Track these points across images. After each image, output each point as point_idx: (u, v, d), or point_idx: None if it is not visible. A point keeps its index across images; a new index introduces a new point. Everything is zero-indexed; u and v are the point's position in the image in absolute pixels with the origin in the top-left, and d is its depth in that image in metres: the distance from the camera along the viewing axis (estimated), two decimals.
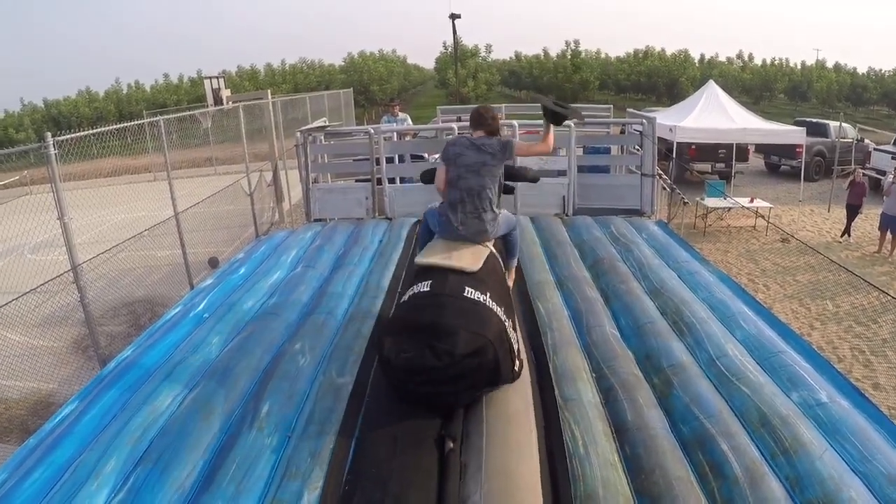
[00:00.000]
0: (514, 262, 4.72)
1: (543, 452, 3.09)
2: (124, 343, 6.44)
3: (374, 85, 41.45)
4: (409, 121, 12.77)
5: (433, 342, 3.13)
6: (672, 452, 3.07)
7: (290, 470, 2.99)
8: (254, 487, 2.90)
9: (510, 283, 4.57)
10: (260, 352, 4.17)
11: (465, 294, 3.42)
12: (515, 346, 3.53)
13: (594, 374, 3.88)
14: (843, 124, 19.57)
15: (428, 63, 60.85)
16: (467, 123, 4.44)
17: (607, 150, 9.92)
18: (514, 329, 3.65)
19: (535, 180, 5.05)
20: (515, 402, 3.41)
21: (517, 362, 3.52)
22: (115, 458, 3.06)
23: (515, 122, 8.09)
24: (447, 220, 4.04)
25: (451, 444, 3.06)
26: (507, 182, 4.54)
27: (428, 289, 3.50)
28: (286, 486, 2.90)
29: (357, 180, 9.20)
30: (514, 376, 3.50)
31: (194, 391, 3.70)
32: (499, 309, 3.47)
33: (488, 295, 3.48)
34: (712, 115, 17.36)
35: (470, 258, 3.79)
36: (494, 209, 4.09)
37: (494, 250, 4.17)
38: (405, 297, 3.63)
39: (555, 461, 3.04)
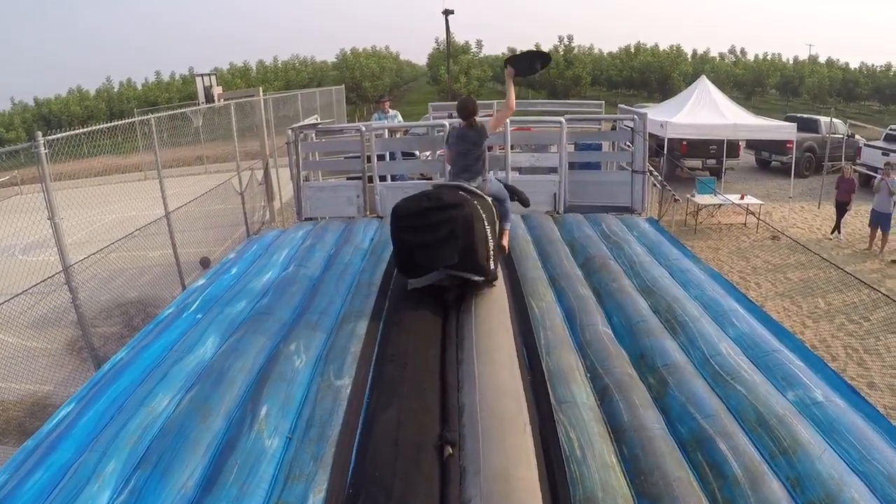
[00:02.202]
0: (507, 226, 5.58)
1: (540, 456, 3.10)
2: (118, 344, 6.44)
3: (366, 81, 41.27)
4: (400, 117, 12.74)
5: (428, 197, 4.70)
6: (671, 453, 3.08)
7: (294, 472, 3.00)
8: (257, 490, 2.90)
9: (504, 241, 5.47)
10: (255, 352, 4.17)
11: (459, 192, 4.89)
12: (492, 251, 4.82)
13: (588, 375, 3.89)
14: (834, 120, 19.62)
15: (420, 59, 60.82)
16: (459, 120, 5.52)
17: (598, 147, 9.92)
18: (493, 239, 4.87)
19: (524, 203, 5.93)
20: (509, 406, 3.43)
21: (492, 262, 4.85)
22: (115, 459, 3.06)
23: (507, 120, 8.08)
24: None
25: (450, 450, 3.10)
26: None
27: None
28: (290, 488, 2.91)
29: (348, 178, 9.18)
30: (489, 271, 4.81)
31: (191, 392, 3.70)
32: (482, 213, 4.75)
33: (476, 202, 4.79)
34: (704, 111, 17.35)
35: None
36: (481, 176, 5.33)
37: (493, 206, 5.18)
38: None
39: (552, 465, 3.05)
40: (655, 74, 43.12)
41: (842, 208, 14.10)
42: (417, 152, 10.87)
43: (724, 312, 4.63)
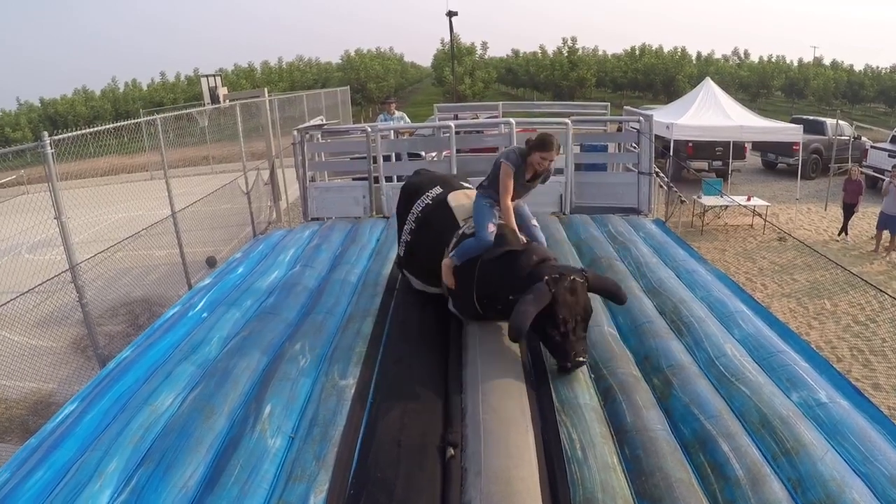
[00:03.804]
0: (451, 257, 4.33)
1: (541, 456, 3.09)
2: (123, 343, 6.44)
3: (371, 83, 41.26)
4: (406, 119, 12.74)
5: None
6: (672, 454, 3.07)
7: (295, 472, 2.99)
8: (258, 489, 2.90)
9: (444, 269, 4.35)
10: (259, 352, 4.17)
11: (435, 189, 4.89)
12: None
13: (592, 375, 3.88)
14: (840, 122, 19.55)
15: (425, 61, 60.87)
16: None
17: (604, 148, 9.90)
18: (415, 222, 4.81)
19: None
20: (512, 407, 3.42)
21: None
22: (117, 458, 3.07)
23: (513, 120, 8.08)
24: None
25: (452, 451, 3.11)
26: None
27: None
28: (292, 488, 2.90)
29: (354, 178, 9.20)
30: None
31: (194, 391, 3.70)
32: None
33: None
34: (709, 113, 17.30)
35: (461, 195, 4.80)
36: (484, 196, 4.49)
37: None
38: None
39: (553, 465, 3.04)
40: (660, 76, 43.06)
41: (849, 210, 14.04)
42: (423, 153, 10.86)
43: (730, 313, 4.61)
